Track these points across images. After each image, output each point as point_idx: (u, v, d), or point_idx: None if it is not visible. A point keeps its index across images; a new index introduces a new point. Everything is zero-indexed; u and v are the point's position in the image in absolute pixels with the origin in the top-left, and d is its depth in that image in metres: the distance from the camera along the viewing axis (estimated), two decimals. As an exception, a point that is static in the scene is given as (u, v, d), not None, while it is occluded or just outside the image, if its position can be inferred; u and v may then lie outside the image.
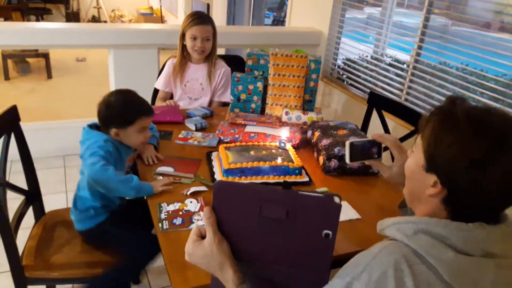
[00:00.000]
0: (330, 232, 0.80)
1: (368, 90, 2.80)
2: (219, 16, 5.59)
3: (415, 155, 0.84)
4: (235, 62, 2.51)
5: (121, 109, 1.50)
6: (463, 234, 0.73)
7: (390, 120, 2.40)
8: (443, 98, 2.35)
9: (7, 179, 1.54)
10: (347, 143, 1.18)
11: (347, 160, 1.18)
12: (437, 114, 0.79)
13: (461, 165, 0.72)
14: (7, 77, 5.17)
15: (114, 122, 1.50)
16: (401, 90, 2.72)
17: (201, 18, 2.20)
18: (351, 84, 3.19)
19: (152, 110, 1.57)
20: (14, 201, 1.62)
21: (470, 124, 0.73)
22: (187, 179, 1.49)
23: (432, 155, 0.77)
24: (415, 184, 0.85)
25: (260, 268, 0.85)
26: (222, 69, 2.36)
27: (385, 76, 2.86)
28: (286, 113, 1.95)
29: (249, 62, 2.04)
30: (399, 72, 2.76)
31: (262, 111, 2.06)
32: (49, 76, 5.39)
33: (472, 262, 0.72)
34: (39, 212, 1.74)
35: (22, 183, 1.68)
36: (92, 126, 1.56)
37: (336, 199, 0.79)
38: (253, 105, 2.04)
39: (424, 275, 0.70)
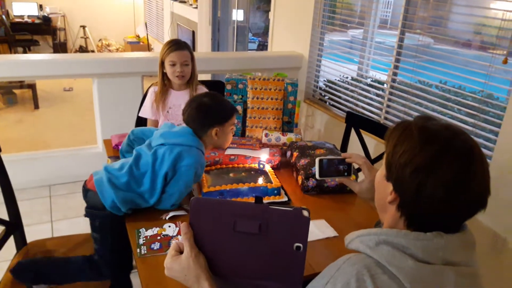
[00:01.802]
0: (301, 245, 0.82)
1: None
2: (204, 42, 5.69)
3: (382, 166, 0.89)
4: (216, 87, 2.56)
5: (220, 106, 1.55)
6: (422, 243, 0.76)
7: (371, 138, 2.45)
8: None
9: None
10: (317, 160, 1.23)
11: (317, 175, 1.24)
12: (398, 129, 0.85)
13: (408, 171, 0.77)
14: (-7, 109, 5.19)
15: (215, 120, 1.52)
16: (381, 109, 2.78)
17: (177, 44, 2.25)
18: (332, 105, 3.25)
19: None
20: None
21: (420, 135, 0.79)
22: None
23: (389, 164, 0.83)
24: (379, 194, 0.90)
25: (236, 281, 0.87)
26: (204, 94, 2.40)
27: (365, 96, 2.93)
28: (266, 135, 1.99)
29: (228, 87, 2.09)
30: (378, 91, 2.83)
31: (243, 134, 2.10)
32: (36, 106, 5.41)
33: (433, 270, 0.74)
34: (21, 243, 1.73)
35: (6, 215, 1.68)
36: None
37: (305, 213, 0.82)
38: (233, 128, 2.08)
39: (386, 284, 0.72)
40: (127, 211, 1.44)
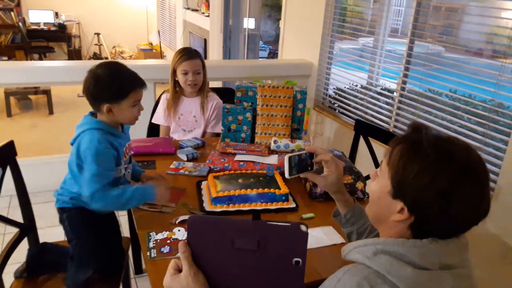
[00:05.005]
0: (300, 260, 0.82)
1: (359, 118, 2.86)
2: (215, 50, 5.75)
3: (380, 180, 0.87)
4: (227, 94, 2.60)
5: (112, 83, 1.38)
6: (418, 250, 0.77)
7: (380, 146, 2.46)
8: (431, 125, 2.41)
9: (7, 213, 1.58)
10: (286, 157, 1.17)
11: (286, 175, 1.19)
12: (403, 143, 0.83)
13: (429, 194, 0.76)
14: (9, 114, 5.30)
15: (105, 97, 1.39)
16: (390, 117, 2.79)
17: (190, 53, 2.31)
18: (342, 113, 3.27)
19: (144, 82, 1.48)
20: (11, 235, 1.67)
21: (436, 154, 0.77)
22: (168, 208, 1.53)
23: (400, 182, 0.80)
24: (381, 209, 0.87)
25: None
26: (214, 101, 2.44)
27: (375, 104, 2.94)
28: (275, 142, 2.02)
29: (238, 94, 2.12)
30: (388, 100, 2.84)
31: (252, 140, 2.13)
32: (51, 112, 5.52)
33: (431, 276, 0.75)
34: (34, 245, 1.77)
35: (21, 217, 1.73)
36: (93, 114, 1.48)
37: (303, 228, 0.81)
38: (243, 135, 2.11)
39: None
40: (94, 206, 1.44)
